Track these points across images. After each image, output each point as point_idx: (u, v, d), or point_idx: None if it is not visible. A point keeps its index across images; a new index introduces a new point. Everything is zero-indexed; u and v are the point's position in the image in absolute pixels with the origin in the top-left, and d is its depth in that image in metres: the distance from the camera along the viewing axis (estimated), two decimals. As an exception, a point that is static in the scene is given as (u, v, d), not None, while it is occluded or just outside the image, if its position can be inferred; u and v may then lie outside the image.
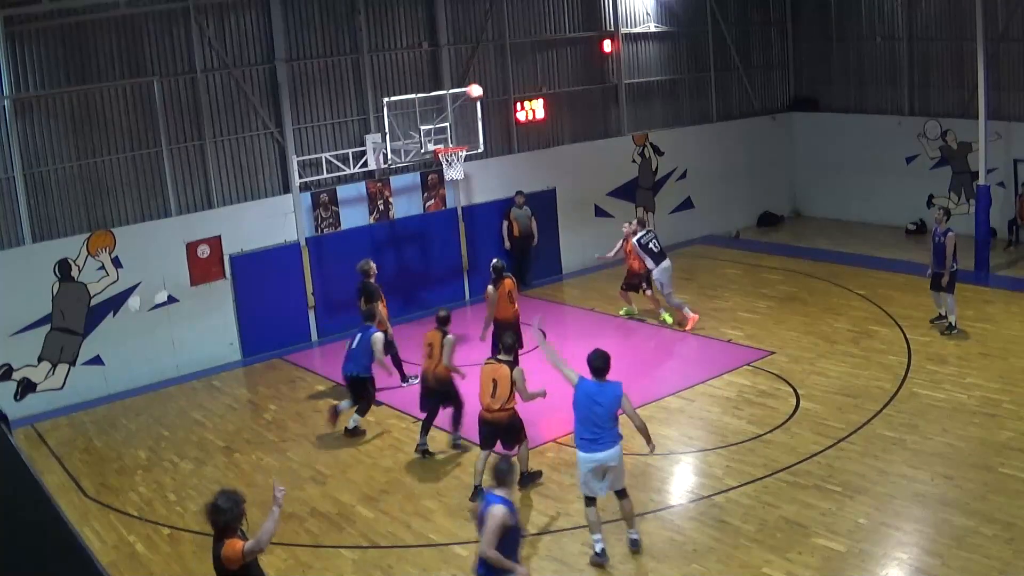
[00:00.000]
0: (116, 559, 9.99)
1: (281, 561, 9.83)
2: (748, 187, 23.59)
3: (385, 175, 17.97)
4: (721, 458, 11.36)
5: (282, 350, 16.76)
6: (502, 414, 10.35)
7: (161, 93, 15.66)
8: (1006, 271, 18.42)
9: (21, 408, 14.34)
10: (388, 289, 17.91)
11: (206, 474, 12.11)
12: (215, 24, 16.11)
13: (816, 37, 23.95)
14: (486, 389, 10.34)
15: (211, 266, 16.27)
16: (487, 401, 10.36)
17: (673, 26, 22.20)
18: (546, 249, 20.17)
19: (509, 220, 19.18)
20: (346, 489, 11.38)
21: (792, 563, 8.95)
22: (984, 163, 18.51)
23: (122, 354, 15.36)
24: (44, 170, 14.83)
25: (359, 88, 17.72)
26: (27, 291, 14.53)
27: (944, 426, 11.62)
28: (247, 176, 16.77)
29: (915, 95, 22.07)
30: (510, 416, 10.42)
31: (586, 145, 20.82)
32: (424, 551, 9.81)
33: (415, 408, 13.66)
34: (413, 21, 18.30)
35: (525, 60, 19.93)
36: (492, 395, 10.30)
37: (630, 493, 10.78)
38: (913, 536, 9.33)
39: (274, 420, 13.82)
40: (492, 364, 10.47)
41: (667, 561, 9.23)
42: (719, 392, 13.39)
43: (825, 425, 11.94)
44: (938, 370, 13.36)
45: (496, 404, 10.30)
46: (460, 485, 11.20)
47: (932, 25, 21.57)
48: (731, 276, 19.46)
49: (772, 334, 15.57)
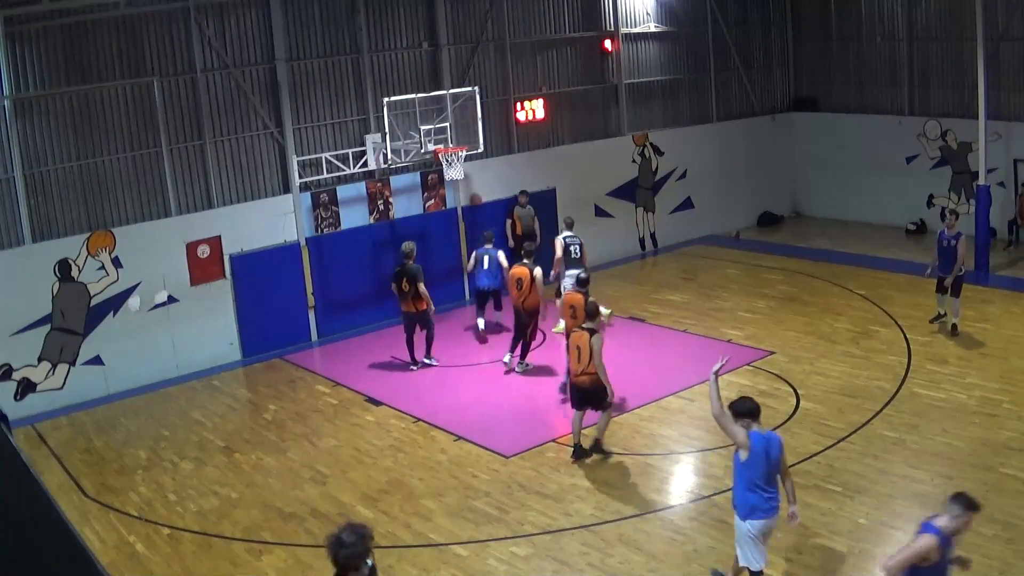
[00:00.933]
0: (116, 559, 9.99)
1: (281, 561, 9.84)
2: (748, 187, 23.59)
3: (385, 175, 17.98)
4: (721, 458, 11.34)
5: (282, 350, 16.76)
6: (585, 378, 11.13)
7: (161, 93, 15.66)
8: (1006, 271, 18.42)
9: (21, 408, 14.33)
10: (388, 289, 17.97)
11: (206, 474, 12.11)
12: (215, 24, 16.11)
13: (816, 37, 23.95)
14: (573, 355, 11.25)
15: (211, 266, 16.27)
16: (574, 366, 11.25)
17: (673, 26, 22.20)
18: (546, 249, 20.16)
19: (512, 219, 19.19)
20: (346, 489, 11.38)
21: (792, 563, 8.95)
22: (984, 163, 18.52)
23: (122, 354, 15.35)
24: (44, 170, 14.83)
25: (359, 88, 17.72)
26: (27, 291, 14.52)
27: (944, 426, 11.62)
28: (247, 176, 16.77)
29: (915, 95, 22.08)
30: (592, 380, 11.05)
31: (586, 145, 20.82)
32: (424, 551, 9.81)
33: (415, 408, 13.71)
34: (413, 21, 18.30)
35: (525, 60, 19.93)
36: (578, 360, 11.11)
37: (630, 493, 10.83)
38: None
39: (274, 420, 13.83)
40: (578, 332, 11.22)
41: (667, 561, 9.23)
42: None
43: (825, 425, 11.94)
44: (938, 370, 13.36)
45: (580, 368, 11.12)
46: (460, 485, 11.21)
47: (932, 25, 21.57)
48: (731, 276, 19.47)
49: (772, 334, 15.57)
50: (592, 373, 11.02)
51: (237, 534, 10.46)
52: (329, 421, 13.56)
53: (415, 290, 14.77)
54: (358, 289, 17.71)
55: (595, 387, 11.08)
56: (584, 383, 11.16)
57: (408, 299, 14.89)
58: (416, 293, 14.78)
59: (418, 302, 14.85)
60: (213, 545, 10.27)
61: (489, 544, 9.83)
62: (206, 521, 10.83)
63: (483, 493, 10.95)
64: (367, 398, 14.27)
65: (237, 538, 10.37)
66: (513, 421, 13.15)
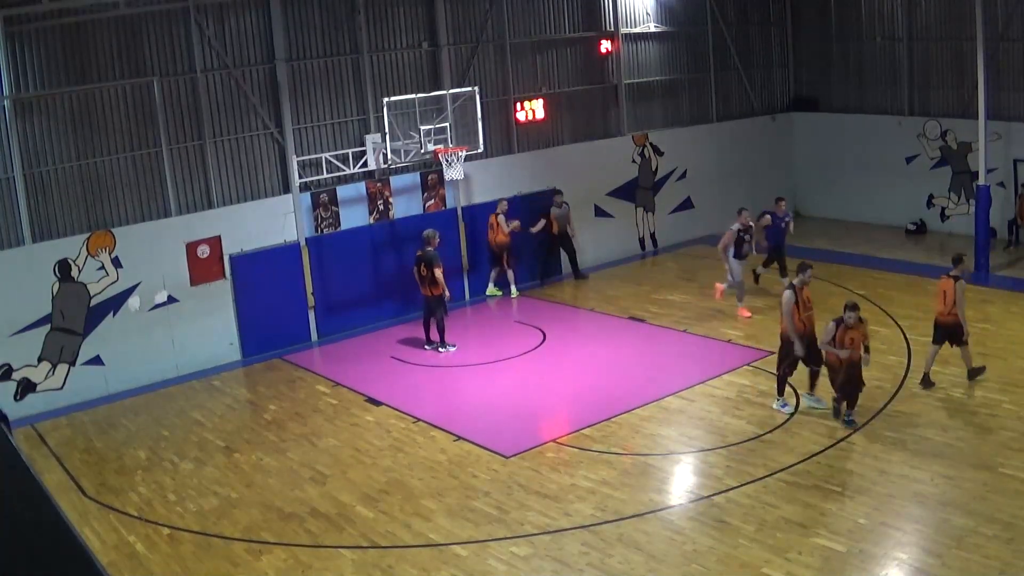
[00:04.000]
0: (116, 559, 9.99)
1: (281, 561, 9.84)
2: (748, 187, 23.54)
3: (385, 175, 17.97)
4: (721, 458, 11.35)
5: (282, 350, 16.75)
6: (950, 318, 12.63)
7: (161, 93, 15.65)
8: (1006, 271, 18.42)
9: (21, 408, 14.33)
10: (387, 289, 18.01)
11: (206, 474, 12.11)
12: (215, 24, 16.11)
13: (816, 37, 23.95)
14: (939, 298, 12.79)
15: (211, 266, 16.26)
16: (940, 308, 12.79)
17: (673, 26, 22.20)
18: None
19: (549, 219, 19.32)
20: (346, 489, 11.38)
21: (792, 563, 8.95)
22: (984, 163, 18.51)
23: (122, 354, 15.35)
24: (44, 170, 14.83)
25: (359, 88, 17.72)
26: (27, 291, 14.52)
27: (944, 426, 11.63)
28: (247, 176, 16.77)
29: (915, 95, 22.08)
30: (955, 320, 12.60)
31: (586, 145, 20.82)
32: (424, 551, 9.81)
33: (415, 408, 13.71)
34: (413, 21, 18.30)
35: (525, 60, 19.93)
36: (943, 303, 12.66)
37: (630, 493, 10.82)
38: (913, 536, 9.34)
39: (274, 420, 13.82)
40: (944, 278, 12.79)
41: (667, 561, 9.22)
42: (719, 392, 13.39)
43: (825, 425, 11.94)
44: (938, 370, 13.34)
45: (946, 310, 12.68)
46: (460, 485, 11.21)
47: (932, 25, 21.57)
48: (731, 276, 19.43)
49: (772, 334, 15.47)
50: (955, 314, 12.60)
51: (237, 534, 10.46)
52: (329, 421, 13.56)
53: (432, 275, 15.64)
54: (358, 289, 17.72)
55: (955, 326, 12.65)
56: (949, 322, 12.69)
57: (425, 283, 15.85)
58: (432, 278, 15.62)
59: (433, 287, 15.72)
60: (213, 545, 10.27)
61: (489, 544, 9.83)
62: (206, 521, 10.83)
63: (483, 493, 10.95)
64: (367, 398, 14.26)
65: (237, 538, 10.37)
66: (513, 421, 13.14)
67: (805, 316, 12.38)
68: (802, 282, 12.56)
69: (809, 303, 12.55)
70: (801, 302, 12.35)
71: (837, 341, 11.62)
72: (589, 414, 12.92)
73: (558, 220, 19.37)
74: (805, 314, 12.40)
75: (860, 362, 11.77)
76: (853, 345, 11.59)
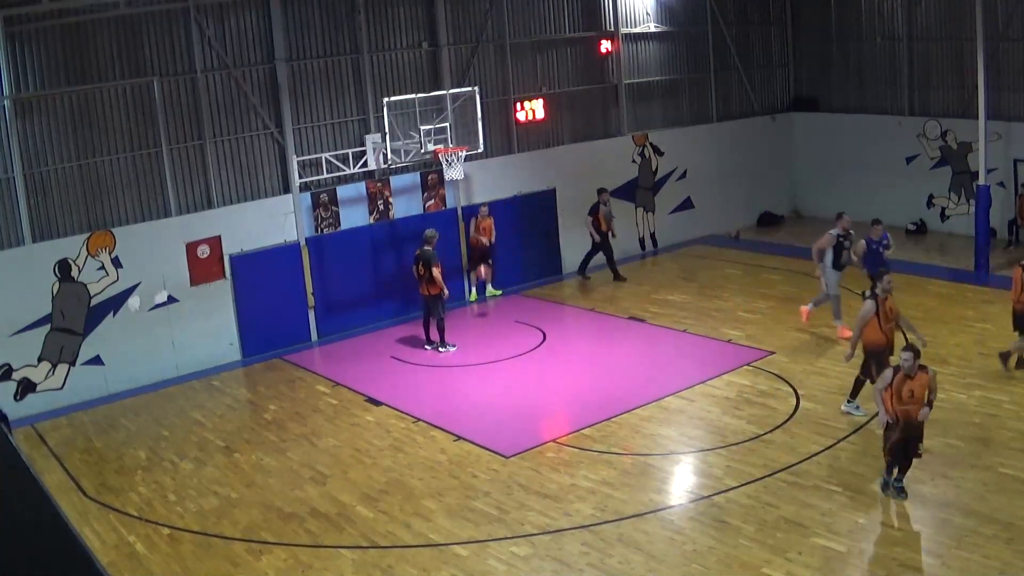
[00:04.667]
0: (116, 559, 10.00)
1: (281, 561, 9.84)
2: (748, 187, 23.57)
3: (385, 175, 17.97)
4: (721, 458, 11.36)
5: (282, 350, 16.75)
6: (1019, 306, 13.00)
7: (161, 93, 15.65)
8: (1006, 271, 18.32)
9: (21, 408, 14.33)
10: (387, 289, 18.01)
11: (206, 474, 12.11)
12: (215, 24, 16.11)
13: (816, 37, 23.94)
14: (1014, 288, 13.17)
15: (211, 266, 16.26)
16: (1012, 296, 13.23)
17: (673, 26, 22.20)
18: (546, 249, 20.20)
19: (597, 218, 19.40)
20: (346, 489, 11.38)
21: (792, 563, 8.95)
22: (984, 163, 18.50)
23: (122, 354, 15.35)
24: (44, 170, 14.83)
25: (359, 88, 17.71)
26: (27, 291, 14.52)
27: (944, 427, 11.62)
28: (247, 176, 16.77)
29: (915, 95, 22.07)
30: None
31: (586, 145, 20.81)
32: (424, 551, 9.81)
33: (415, 408, 13.71)
34: (413, 21, 18.29)
35: (525, 60, 19.92)
36: (1016, 291, 13.07)
37: (630, 493, 10.82)
38: (913, 536, 9.33)
39: (274, 420, 13.82)
40: (1016, 268, 13.23)
41: (667, 561, 9.22)
42: (719, 392, 13.40)
43: (825, 425, 11.94)
44: (938, 370, 13.29)
45: (1015, 296, 13.06)
46: (460, 485, 11.21)
47: (932, 25, 21.56)
48: (731, 276, 19.46)
49: (772, 334, 15.57)
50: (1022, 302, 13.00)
51: (237, 534, 10.46)
52: (329, 421, 13.56)
53: (430, 274, 15.67)
54: (358, 289, 17.72)
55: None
56: (1018, 309, 13.05)
57: (424, 282, 15.87)
58: (431, 277, 15.65)
59: (431, 286, 15.74)
60: (213, 545, 10.27)
61: (489, 544, 9.83)
62: (206, 521, 10.83)
63: (483, 493, 10.95)
64: (367, 398, 14.26)
65: (237, 538, 10.37)
66: (513, 421, 13.14)
67: (887, 328, 11.68)
68: (884, 291, 11.70)
69: (892, 314, 11.76)
70: (883, 313, 11.63)
71: (894, 391, 9.77)
72: (589, 414, 12.92)
73: (606, 219, 19.51)
74: (887, 326, 11.66)
75: (918, 420, 9.83)
76: (913, 400, 9.75)
